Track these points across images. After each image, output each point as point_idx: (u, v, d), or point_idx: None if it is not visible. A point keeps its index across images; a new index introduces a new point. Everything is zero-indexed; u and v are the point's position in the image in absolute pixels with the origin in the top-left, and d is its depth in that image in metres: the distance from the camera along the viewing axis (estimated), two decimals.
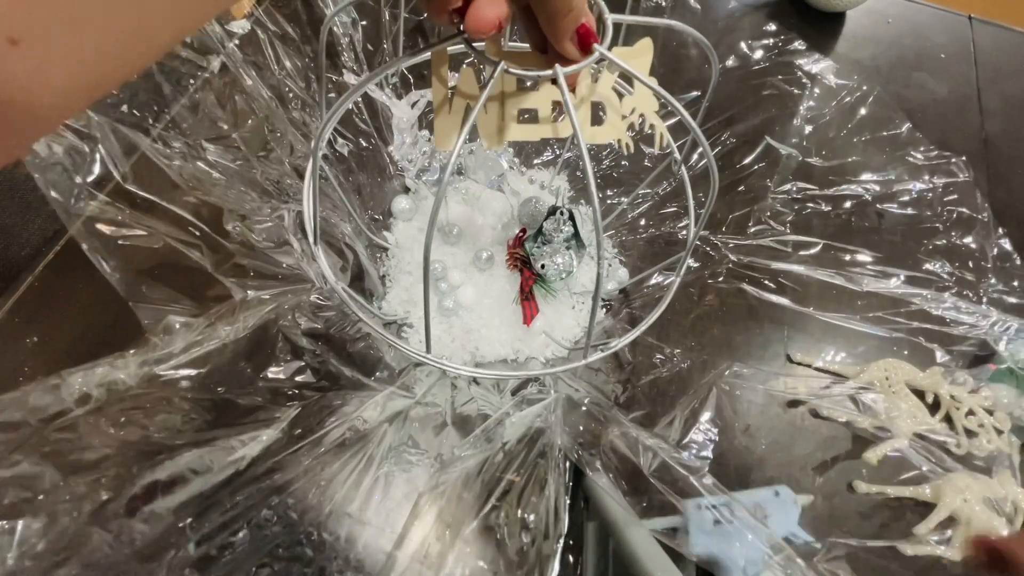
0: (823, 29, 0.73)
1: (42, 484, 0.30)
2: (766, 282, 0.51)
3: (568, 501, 0.38)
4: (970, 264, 0.54)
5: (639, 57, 0.23)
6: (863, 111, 0.61)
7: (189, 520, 0.32)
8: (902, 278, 0.53)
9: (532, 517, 0.36)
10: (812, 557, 0.39)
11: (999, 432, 0.46)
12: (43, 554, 0.29)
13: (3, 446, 0.29)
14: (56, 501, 0.30)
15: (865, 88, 0.62)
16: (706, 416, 0.43)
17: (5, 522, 0.29)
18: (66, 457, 0.31)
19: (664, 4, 0.62)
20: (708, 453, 0.42)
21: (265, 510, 0.34)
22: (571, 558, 0.38)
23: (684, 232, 0.52)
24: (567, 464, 0.39)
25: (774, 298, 0.50)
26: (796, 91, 0.61)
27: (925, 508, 0.43)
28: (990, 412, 0.47)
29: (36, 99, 0.11)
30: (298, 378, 0.39)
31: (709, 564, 0.34)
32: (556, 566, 0.35)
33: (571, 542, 0.38)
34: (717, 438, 0.43)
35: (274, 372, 0.39)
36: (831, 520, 0.43)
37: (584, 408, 0.42)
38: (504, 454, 0.39)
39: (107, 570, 0.30)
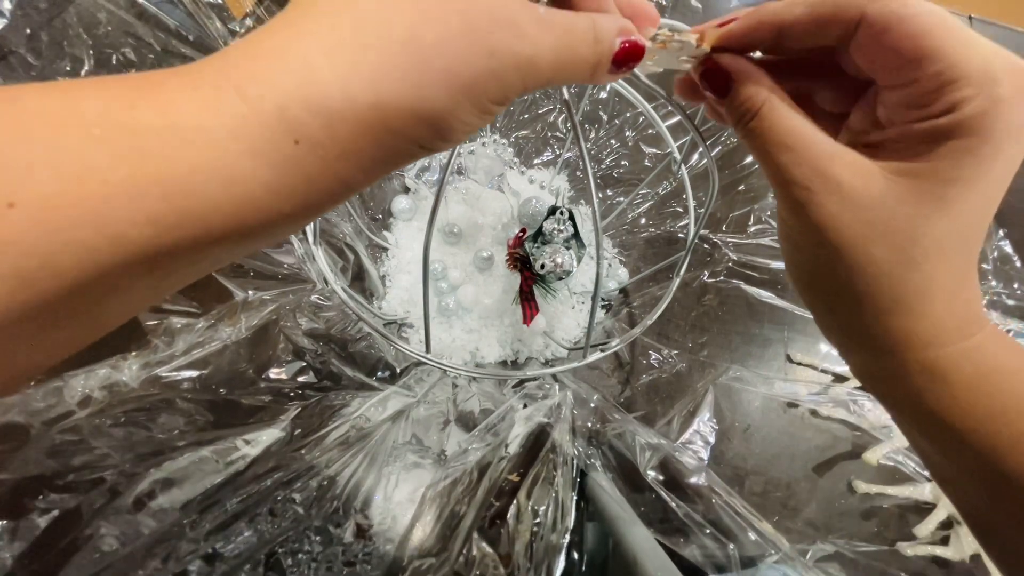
0: None
1: (47, 484, 0.30)
2: (766, 282, 0.51)
3: (574, 497, 0.38)
4: None
5: None
6: None
7: (196, 514, 0.32)
8: None
9: (541, 510, 0.36)
10: (804, 556, 0.39)
11: None
12: (50, 548, 0.29)
13: (7, 448, 0.29)
14: (62, 500, 0.30)
15: None
16: (704, 416, 0.44)
17: (6, 521, 0.29)
18: (70, 458, 0.31)
19: (665, 3, 0.61)
20: (706, 453, 0.42)
21: (272, 504, 0.34)
22: (575, 554, 0.38)
23: (684, 231, 0.52)
24: (574, 461, 0.40)
25: (774, 298, 0.50)
26: None
27: (925, 508, 0.43)
28: None
29: None
30: (300, 378, 0.39)
31: None
32: (562, 560, 0.35)
33: (576, 538, 0.38)
34: (714, 439, 0.43)
35: (276, 372, 0.39)
36: (831, 520, 0.43)
37: (593, 405, 0.42)
38: (510, 450, 0.39)
39: (117, 562, 0.30)
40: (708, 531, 0.36)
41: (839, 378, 0.49)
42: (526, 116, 0.56)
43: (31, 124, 0.10)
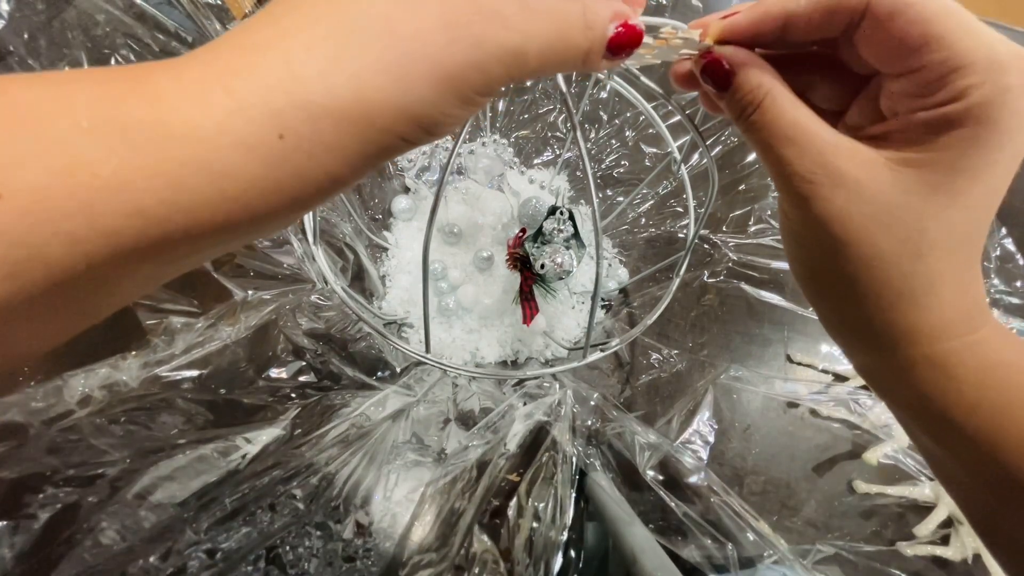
0: None
1: (47, 480, 0.30)
2: (766, 282, 0.51)
3: (573, 494, 0.38)
4: None
5: None
6: None
7: (195, 510, 0.33)
8: None
9: (541, 506, 0.36)
10: (804, 558, 0.39)
11: None
12: (50, 541, 0.30)
13: (6, 448, 0.30)
14: (62, 494, 0.30)
15: None
16: (704, 416, 0.44)
17: (5, 521, 0.29)
18: (70, 456, 0.31)
19: (665, 3, 0.61)
20: (705, 453, 0.42)
21: (271, 500, 0.34)
22: (572, 553, 0.38)
23: (684, 231, 0.52)
24: (573, 459, 0.40)
25: (774, 298, 0.50)
26: None
27: (925, 508, 0.43)
28: None
29: None
30: (300, 378, 0.39)
31: None
32: (560, 556, 0.35)
33: (573, 535, 0.38)
34: (713, 439, 0.43)
35: (276, 372, 0.39)
36: (831, 520, 0.43)
37: (592, 403, 0.42)
38: (509, 448, 0.39)
39: (117, 554, 0.30)
40: (706, 531, 0.36)
41: (839, 378, 0.49)
42: (526, 116, 0.56)
43: (20, 115, 0.10)
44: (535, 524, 0.36)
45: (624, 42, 0.16)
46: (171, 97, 0.11)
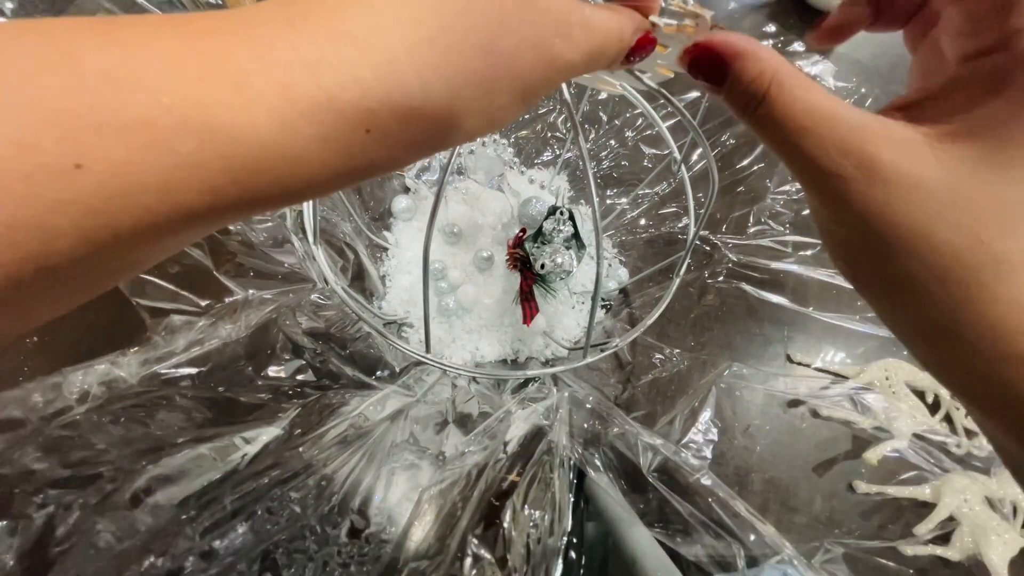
0: None
1: (44, 480, 0.30)
2: (767, 282, 0.51)
3: (572, 499, 0.38)
4: None
5: None
6: None
7: (192, 511, 0.32)
8: None
9: (538, 514, 0.36)
10: (811, 557, 0.39)
11: None
12: (46, 544, 0.29)
13: (4, 444, 0.29)
14: (58, 496, 0.30)
15: (864, 90, 0.62)
16: (705, 416, 0.43)
17: (6, 521, 0.29)
18: (67, 454, 0.31)
19: (664, 3, 0.62)
20: (707, 453, 0.42)
21: (268, 502, 0.34)
22: (573, 555, 0.38)
23: (684, 232, 0.52)
24: (571, 462, 0.39)
25: (774, 298, 0.50)
26: None
27: (925, 508, 0.43)
28: None
29: None
30: (299, 377, 0.39)
31: None
32: (560, 563, 0.35)
33: (574, 540, 0.38)
34: (716, 438, 0.43)
35: (275, 371, 0.39)
36: (831, 520, 0.43)
37: (588, 407, 0.42)
38: (507, 451, 0.39)
39: (112, 558, 0.30)
40: (712, 531, 0.36)
41: (839, 377, 0.49)
42: (526, 116, 0.56)
43: (98, 87, 0.10)
44: (532, 531, 0.35)
45: (641, 49, 0.18)
46: (255, 81, 0.11)
